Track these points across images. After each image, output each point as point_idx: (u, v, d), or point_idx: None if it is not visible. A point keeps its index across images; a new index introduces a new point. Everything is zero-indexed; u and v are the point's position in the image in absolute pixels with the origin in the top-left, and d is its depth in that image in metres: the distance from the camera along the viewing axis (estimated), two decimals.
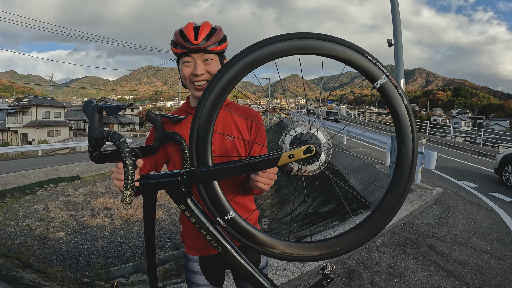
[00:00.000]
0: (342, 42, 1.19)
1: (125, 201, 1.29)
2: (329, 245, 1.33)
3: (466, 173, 12.02)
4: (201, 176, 1.29)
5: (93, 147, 1.38)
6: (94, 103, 1.39)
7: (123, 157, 1.28)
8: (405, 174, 1.25)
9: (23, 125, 50.90)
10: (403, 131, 1.22)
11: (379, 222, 1.29)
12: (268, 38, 1.21)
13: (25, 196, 16.19)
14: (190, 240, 1.89)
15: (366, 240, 1.32)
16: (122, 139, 1.29)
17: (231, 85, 1.26)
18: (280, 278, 4.13)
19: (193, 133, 1.29)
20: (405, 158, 1.23)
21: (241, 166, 1.30)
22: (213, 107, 1.27)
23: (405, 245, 5.31)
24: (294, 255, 1.32)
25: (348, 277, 4.26)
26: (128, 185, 1.28)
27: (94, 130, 1.35)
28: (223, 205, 1.31)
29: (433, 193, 8.28)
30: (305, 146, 1.24)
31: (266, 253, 1.33)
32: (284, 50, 1.19)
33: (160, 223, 12.44)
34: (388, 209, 1.27)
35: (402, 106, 1.20)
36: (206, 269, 1.89)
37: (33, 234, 11.33)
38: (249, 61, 1.22)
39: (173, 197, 1.38)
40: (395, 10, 6.76)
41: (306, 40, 1.19)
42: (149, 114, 1.77)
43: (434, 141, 24.44)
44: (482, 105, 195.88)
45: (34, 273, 8.54)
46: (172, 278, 7.81)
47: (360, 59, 1.19)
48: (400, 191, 1.26)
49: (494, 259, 4.98)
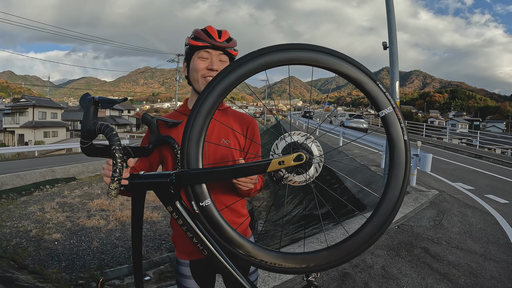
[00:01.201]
0: (358, 65, 1.20)
1: (110, 194, 1.30)
2: (296, 259, 1.30)
3: (462, 175, 12.03)
4: (190, 178, 1.28)
5: (85, 138, 1.39)
6: (91, 96, 1.41)
7: (113, 150, 1.29)
8: (388, 207, 1.24)
9: (19, 126, 50.68)
10: (397, 163, 1.22)
11: (353, 250, 1.27)
12: (278, 45, 1.21)
13: (21, 197, 16.19)
14: (181, 243, 1.90)
15: (336, 263, 1.30)
16: (114, 133, 1.30)
17: (225, 92, 1.26)
18: (273, 281, 4.12)
19: (185, 137, 1.29)
20: (393, 190, 1.23)
21: (230, 170, 1.30)
22: (207, 114, 1.27)
23: (399, 248, 5.31)
24: (258, 260, 1.30)
25: (341, 280, 4.25)
26: (115, 178, 1.28)
27: (88, 121, 1.36)
28: (202, 191, 1.30)
29: (428, 196, 8.30)
30: (295, 154, 1.24)
31: (230, 250, 1.32)
32: (296, 59, 1.20)
33: (156, 224, 12.44)
34: (365, 238, 1.26)
35: (401, 141, 1.20)
36: (196, 273, 1.89)
37: (28, 236, 11.32)
38: (263, 63, 1.22)
39: (161, 198, 1.37)
40: (390, 13, 6.77)
41: (321, 54, 1.19)
42: (145, 117, 1.77)
43: (430, 143, 24.46)
44: (478, 107, 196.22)
45: (30, 275, 8.54)
46: (167, 280, 7.81)
47: (370, 85, 1.19)
48: (380, 223, 1.25)
49: (489, 261, 4.97)
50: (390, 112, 1.19)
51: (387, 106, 1.19)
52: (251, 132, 1.91)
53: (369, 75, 1.20)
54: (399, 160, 1.21)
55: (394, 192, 1.23)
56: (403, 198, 1.24)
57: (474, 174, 12.61)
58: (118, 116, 75.81)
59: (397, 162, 1.21)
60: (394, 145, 1.20)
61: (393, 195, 1.23)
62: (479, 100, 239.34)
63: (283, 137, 1.36)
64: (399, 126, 1.19)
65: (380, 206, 1.24)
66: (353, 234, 1.27)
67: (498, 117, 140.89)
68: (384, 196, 1.24)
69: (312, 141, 1.34)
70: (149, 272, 8.64)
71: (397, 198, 1.23)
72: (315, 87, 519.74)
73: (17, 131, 51.13)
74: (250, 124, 1.92)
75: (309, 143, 1.33)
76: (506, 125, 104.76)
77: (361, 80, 1.19)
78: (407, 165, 1.21)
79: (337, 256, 1.28)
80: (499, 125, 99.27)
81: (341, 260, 1.30)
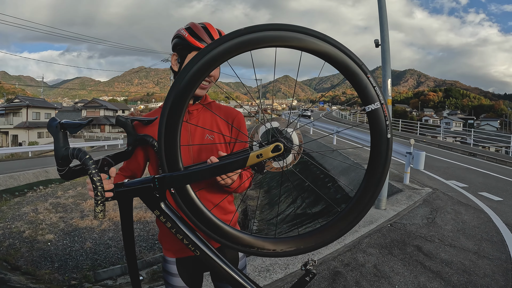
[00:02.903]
0: (350, 54, 1.16)
1: (97, 217, 1.32)
2: (262, 240, 1.34)
3: (456, 173, 12.07)
4: (172, 181, 1.30)
5: (61, 166, 1.43)
6: (57, 121, 1.40)
7: (90, 174, 1.29)
8: (364, 201, 1.24)
9: (13, 127, 50.54)
10: (378, 159, 1.20)
11: (341, 229, 1.29)
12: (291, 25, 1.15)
13: (15, 198, 16.12)
14: (167, 242, 1.89)
15: (323, 244, 1.33)
16: (87, 156, 1.30)
17: (193, 88, 1.23)
18: (264, 280, 4.10)
19: (160, 140, 1.28)
20: (369, 189, 1.22)
21: (210, 169, 1.30)
22: (179, 107, 1.25)
23: (392, 246, 5.30)
24: (229, 243, 1.33)
25: (332, 279, 4.23)
26: (99, 201, 1.29)
27: (59, 148, 1.38)
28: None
29: (422, 194, 8.31)
30: (272, 145, 1.23)
31: (206, 232, 1.33)
32: (285, 39, 1.14)
33: (149, 224, 12.40)
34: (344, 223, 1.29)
35: (385, 138, 1.17)
36: (183, 271, 1.89)
37: (21, 236, 11.25)
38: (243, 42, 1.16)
39: (147, 204, 1.39)
40: (382, 11, 6.75)
41: (310, 37, 1.14)
42: (118, 119, 1.75)
43: (424, 141, 24.56)
44: (473, 106, 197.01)
45: (22, 275, 8.50)
46: (160, 279, 7.78)
47: (361, 76, 1.16)
48: (352, 218, 1.27)
49: (482, 259, 4.97)
50: (377, 108, 1.16)
51: (375, 101, 1.16)
52: (237, 125, 1.89)
53: (361, 66, 1.16)
54: (380, 157, 1.19)
55: (371, 187, 1.22)
56: (377, 195, 1.24)
57: (468, 172, 12.66)
58: (112, 116, 75.67)
59: (377, 159, 1.19)
60: (377, 141, 1.18)
61: (369, 189, 1.22)
62: (473, 99, 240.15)
63: (263, 122, 1.34)
64: (384, 123, 1.16)
65: (353, 201, 1.26)
66: (337, 216, 1.30)
67: (492, 116, 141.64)
68: (360, 190, 1.24)
69: (293, 130, 1.32)
70: (142, 272, 8.61)
71: (372, 193, 1.23)
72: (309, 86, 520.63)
73: (11, 132, 50.95)
74: (235, 117, 1.90)
75: (290, 131, 1.31)
76: (500, 123, 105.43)
77: (351, 69, 1.16)
78: (386, 163, 1.19)
79: (323, 238, 1.32)
80: (493, 123, 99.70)
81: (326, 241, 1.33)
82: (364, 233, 5.79)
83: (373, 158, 1.20)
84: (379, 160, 1.19)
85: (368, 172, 1.22)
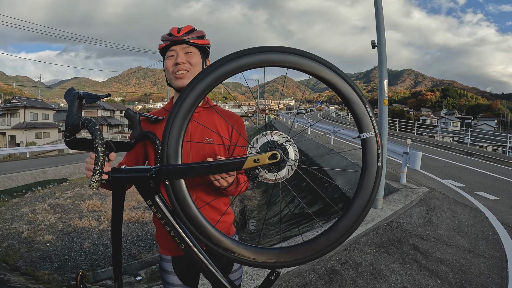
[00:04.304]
0: (352, 84, 1.22)
1: (92, 186, 1.32)
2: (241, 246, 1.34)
3: (453, 172, 12.12)
4: (169, 173, 1.31)
5: (69, 132, 1.44)
6: (76, 91, 1.45)
7: (95, 143, 1.32)
8: (348, 223, 1.25)
9: (11, 127, 50.25)
10: (365, 187, 1.23)
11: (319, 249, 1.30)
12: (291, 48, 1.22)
13: (13, 199, 16.11)
14: (163, 240, 1.92)
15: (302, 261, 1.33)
16: (97, 127, 1.33)
17: (203, 93, 1.29)
18: (262, 278, 4.13)
19: (165, 135, 1.31)
20: (355, 210, 1.24)
21: (207, 166, 1.33)
22: (186, 113, 1.30)
23: (388, 245, 5.34)
24: (210, 243, 1.32)
25: (329, 277, 4.27)
26: (97, 171, 1.31)
27: (72, 116, 1.41)
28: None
29: (418, 193, 8.35)
30: (270, 152, 1.26)
31: (188, 228, 1.34)
32: (300, 64, 1.21)
33: (147, 224, 12.42)
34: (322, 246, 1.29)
35: (374, 166, 1.22)
36: (179, 269, 1.91)
37: (20, 237, 11.27)
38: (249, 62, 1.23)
39: (141, 192, 1.41)
40: (379, 12, 6.80)
41: (324, 67, 1.21)
42: (128, 112, 1.80)
43: (422, 141, 24.58)
44: (470, 106, 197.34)
45: (21, 276, 8.51)
46: (159, 279, 7.80)
47: (360, 106, 1.21)
48: (336, 237, 1.27)
49: (478, 257, 5.02)
50: (371, 137, 1.21)
51: (369, 130, 1.21)
52: (237, 129, 1.92)
53: (361, 97, 1.22)
54: (368, 183, 1.23)
55: (356, 211, 1.24)
56: (363, 219, 1.26)
57: (464, 171, 12.69)
58: (110, 117, 75.43)
59: (366, 185, 1.23)
60: (367, 168, 1.23)
61: (355, 213, 1.24)
62: (470, 99, 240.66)
63: (265, 133, 1.37)
64: (376, 151, 1.21)
65: (339, 221, 1.27)
66: (312, 239, 1.30)
67: (490, 115, 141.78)
68: (346, 213, 1.26)
69: (291, 144, 1.35)
70: (141, 272, 8.64)
71: (357, 217, 1.25)
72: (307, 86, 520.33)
73: (8, 133, 50.69)
74: (236, 123, 1.93)
75: (288, 146, 1.34)
76: (497, 123, 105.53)
77: (352, 99, 1.21)
78: (374, 190, 1.23)
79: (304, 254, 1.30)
80: (490, 123, 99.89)
81: (305, 261, 1.32)
82: (361, 232, 5.83)
83: (362, 182, 1.23)
84: (368, 185, 1.23)
85: (356, 195, 1.25)
